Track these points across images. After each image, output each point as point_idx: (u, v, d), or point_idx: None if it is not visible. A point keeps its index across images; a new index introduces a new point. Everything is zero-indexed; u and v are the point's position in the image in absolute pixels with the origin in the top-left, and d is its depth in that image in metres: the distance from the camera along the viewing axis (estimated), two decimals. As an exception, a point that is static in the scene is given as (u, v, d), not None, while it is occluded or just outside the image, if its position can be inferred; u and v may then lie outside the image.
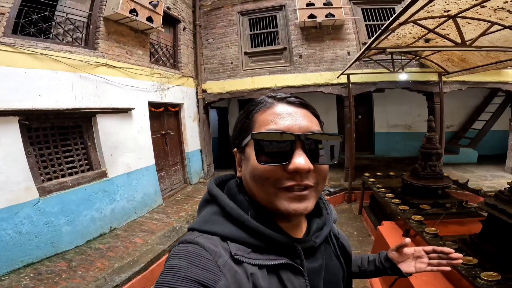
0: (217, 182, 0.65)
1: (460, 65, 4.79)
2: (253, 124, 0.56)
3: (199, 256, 0.46)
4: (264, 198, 0.54)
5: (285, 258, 0.53)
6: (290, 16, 6.32)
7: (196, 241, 0.49)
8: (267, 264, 0.51)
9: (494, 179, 5.77)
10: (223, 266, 0.46)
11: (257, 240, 0.52)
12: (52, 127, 3.52)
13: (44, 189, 3.31)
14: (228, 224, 0.53)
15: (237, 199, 0.57)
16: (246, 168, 0.56)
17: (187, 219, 4.58)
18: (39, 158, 3.37)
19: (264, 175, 0.52)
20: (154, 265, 3.32)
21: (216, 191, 0.59)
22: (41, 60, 3.26)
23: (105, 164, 4.08)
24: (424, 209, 3.03)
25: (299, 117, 0.54)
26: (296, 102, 0.57)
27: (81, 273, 3.03)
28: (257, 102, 0.59)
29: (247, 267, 0.49)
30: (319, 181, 0.55)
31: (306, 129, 0.53)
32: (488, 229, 2.23)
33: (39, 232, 3.18)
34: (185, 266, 0.45)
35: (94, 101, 3.88)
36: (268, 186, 0.52)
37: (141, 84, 4.81)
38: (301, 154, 0.51)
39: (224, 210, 0.55)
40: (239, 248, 0.51)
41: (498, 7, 2.65)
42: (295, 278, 0.53)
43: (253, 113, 0.57)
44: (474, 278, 1.78)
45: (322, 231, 0.64)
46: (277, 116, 0.54)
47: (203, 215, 0.58)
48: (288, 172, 0.51)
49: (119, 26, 4.38)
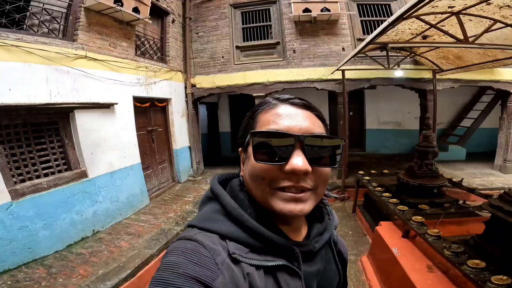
0: (220, 180, 0.64)
1: (455, 63, 4.78)
2: (255, 124, 0.56)
3: (198, 253, 0.46)
4: (260, 197, 0.54)
5: (282, 260, 0.52)
6: (284, 9, 6.17)
7: (195, 238, 0.49)
8: (264, 265, 0.51)
9: (483, 177, 5.87)
10: (221, 264, 0.46)
11: (256, 241, 0.52)
12: (25, 124, 3.26)
13: (17, 191, 3.07)
14: (228, 223, 0.53)
15: (239, 198, 0.57)
16: (247, 167, 0.57)
17: (176, 220, 4.39)
18: (10, 158, 3.11)
19: (261, 174, 0.52)
20: (142, 271, 3.15)
21: (218, 189, 0.59)
22: (12, 52, 2.99)
23: (85, 164, 3.83)
24: (423, 210, 2.98)
25: (301, 118, 0.54)
26: (299, 104, 0.57)
27: (62, 280, 2.85)
28: (262, 103, 0.59)
29: (244, 266, 0.48)
30: (318, 184, 0.54)
31: (307, 130, 0.53)
32: (492, 231, 2.19)
33: (13, 237, 2.99)
34: (183, 262, 0.44)
35: (71, 96, 3.62)
36: (264, 185, 0.52)
37: (125, 78, 4.54)
38: (300, 155, 0.50)
39: (225, 208, 0.55)
40: (237, 247, 0.50)
41: (504, 4, 2.60)
42: (292, 280, 0.53)
43: (257, 113, 0.58)
44: (483, 282, 1.71)
45: (322, 236, 0.63)
46: (279, 117, 0.54)
47: (203, 212, 0.58)
48: (285, 173, 0.50)
49: (101, 17, 4.10)
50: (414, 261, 2.46)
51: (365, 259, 3.32)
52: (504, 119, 6.10)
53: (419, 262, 2.44)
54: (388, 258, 2.73)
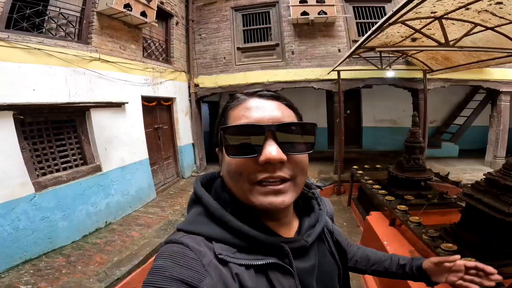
0: (204, 181, 0.64)
1: (444, 64, 5.01)
2: (227, 121, 0.56)
3: (184, 256, 0.47)
4: (240, 194, 0.53)
5: (272, 258, 0.52)
6: (283, 12, 6.36)
7: (181, 241, 0.50)
8: (253, 264, 0.50)
9: (473, 172, 6.07)
10: (208, 265, 0.47)
11: (241, 241, 0.51)
12: (46, 122, 3.49)
13: (40, 184, 3.29)
14: (212, 225, 0.53)
15: (221, 198, 0.57)
16: (224, 165, 0.56)
17: (182, 212, 4.62)
18: (33, 152, 3.34)
19: (237, 169, 0.51)
20: (153, 257, 3.28)
21: (200, 191, 0.58)
22: (34, 55, 3.22)
23: (99, 159, 4.07)
24: (408, 200, 3.18)
25: (270, 109, 0.54)
26: (267, 95, 0.57)
27: (81, 268, 3.04)
28: (231, 99, 0.59)
29: (232, 267, 0.48)
30: (296, 173, 0.53)
31: (277, 119, 0.52)
32: (466, 218, 2.36)
33: (36, 227, 3.17)
34: (170, 265, 0.45)
35: (87, 96, 3.86)
36: (243, 182, 0.51)
37: (134, 79, 4.79)
38: (272, 144, 0.49)
39: (208, 210, 0.54)
40: (224, 248, 0.50)
41: (482, 9, 2.79)
42: (284, 278, 0.52)
43: (227, 109, 0.58)
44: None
45: (314, 229, 0.62)
46: (248, 110, 0.53)
47: (189, 215, 0.58)
48: (260, 165, 0.49)
49: (112, 21, 4.33)
50: (398, 247, 2.68)
51: (356, 248, 3.58)
52: (494, 117, 6.28)
53: (402, 247, 2.65)
54: (377, 245, 2.91)
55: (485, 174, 2.30)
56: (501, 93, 6.08)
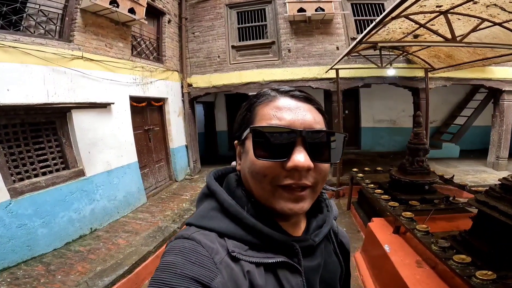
0: (217, 176, 0.63)
1: (447, 62, 4.85)
2: (254, 117, 0.54)
3: (196, 253, 0.45)
4: (261, 195, 0.53)
5: (282, 257, 0.52)
6: (279, 9, 6.21)
7: (193, 237, 0.48)
8: (264, 262, 0.50)
9: (476, 174, 5.95)
10: (219, 263, 0.45)
11: (255, 238, 0.51)
12: (23, 124, 3.29)
13: (16, 190, 3.10)
14: (226, 221, 0.52)
15: (236, 195, 0.56)
16: (245, 162, 0.55)
17: (173, 218, 4.44)
18: (9, 157, 3.14)
19: (262, 171, 0.50)
20: (140, 267, 3.19)
21: (214, 186, 0.57)
22: (9, 53, 3.02)
23: (82, 162, 3.87)
24: (413, 206, 3.03)
25: (302, 112, 0.52)
26: (300, 96, 0.54)
27: (60, 277, 2.89)
28: (259, 95, 0.57)
29: (244, 264, 0.48)
30: (318, 181, 0.52)
31: (309, 125, 0.51)
32: (479, 226, 2.22)
33: (12, 235, 3.02)
34: (181, 262, 0.43)
35: (68, 96, 3.65)
36: (266, 183, 0.51)
37: (121, 78, 4.57)
38: (301, 151, 0.49)
39: (222, 206, 0.54)
40: (236, 245, 0.49)
41: (491, 3, 2.65)
42: (292, 277, 0.52)
43: (255, 105, 0.55)
44: (469, 277, 1.74)
45: (321, 229, 0.62)
46: (279, 110, 0.51)
47: (200, 209, 0.56)
48: (286, 170, 0.49)
49: (97, 18, 4.13)
50: (404, 256, 2.50)
51: (358, 255, 3.37)
52: (497, 117, 6.18)
53: (408, 257, 2.48)
54: (379, 253, 2.77)
55: (500, 180, 2.13)
56: (504, 92, 5.96)
